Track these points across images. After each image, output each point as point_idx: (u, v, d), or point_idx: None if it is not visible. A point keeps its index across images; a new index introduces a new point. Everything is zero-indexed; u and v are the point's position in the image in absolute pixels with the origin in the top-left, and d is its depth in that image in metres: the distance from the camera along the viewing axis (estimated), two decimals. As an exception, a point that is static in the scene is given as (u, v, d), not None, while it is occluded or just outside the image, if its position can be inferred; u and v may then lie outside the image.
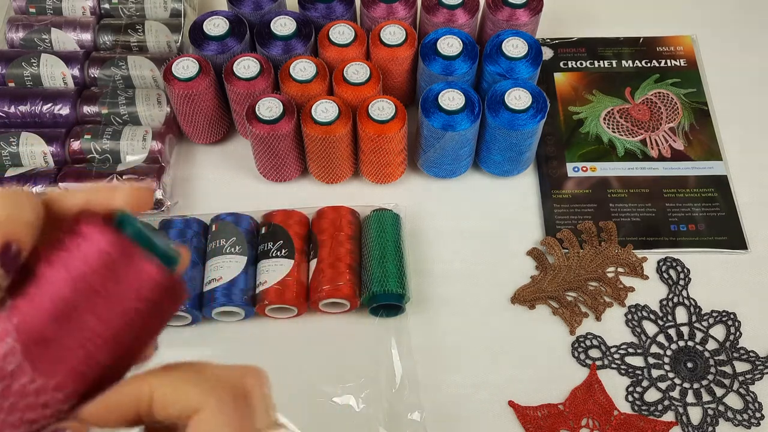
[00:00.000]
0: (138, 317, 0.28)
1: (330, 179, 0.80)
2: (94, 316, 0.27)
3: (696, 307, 0.73)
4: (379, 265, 0.70)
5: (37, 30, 0.84)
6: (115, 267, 0.27)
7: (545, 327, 0.73)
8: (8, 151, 0.77)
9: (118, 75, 0.82)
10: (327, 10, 0.80)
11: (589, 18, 0.95)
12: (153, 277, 0.27)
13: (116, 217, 0.28)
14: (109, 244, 0.27)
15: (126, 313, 0.27)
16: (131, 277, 0.27)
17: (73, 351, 0.27)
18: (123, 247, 0.27)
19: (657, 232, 0.78)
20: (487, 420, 0.68)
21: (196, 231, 0.73)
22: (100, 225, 0.27)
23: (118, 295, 0.27)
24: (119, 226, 0.28)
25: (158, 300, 0.28)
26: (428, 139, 0.75)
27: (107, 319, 0.27)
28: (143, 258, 0.27)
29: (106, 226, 0.27)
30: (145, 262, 0.27)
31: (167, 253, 0.28)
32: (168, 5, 0.87)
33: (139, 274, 0.27)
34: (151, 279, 0.27)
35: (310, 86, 0.74)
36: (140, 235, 0.28)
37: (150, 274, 0.27)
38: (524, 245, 0.78)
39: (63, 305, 0.26)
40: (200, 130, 0.81)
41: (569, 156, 0.83)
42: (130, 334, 0.28)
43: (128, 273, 0.27)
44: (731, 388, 0.69)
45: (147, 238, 0.28)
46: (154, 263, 0.28)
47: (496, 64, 0.76)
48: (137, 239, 0.28)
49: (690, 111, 0.86)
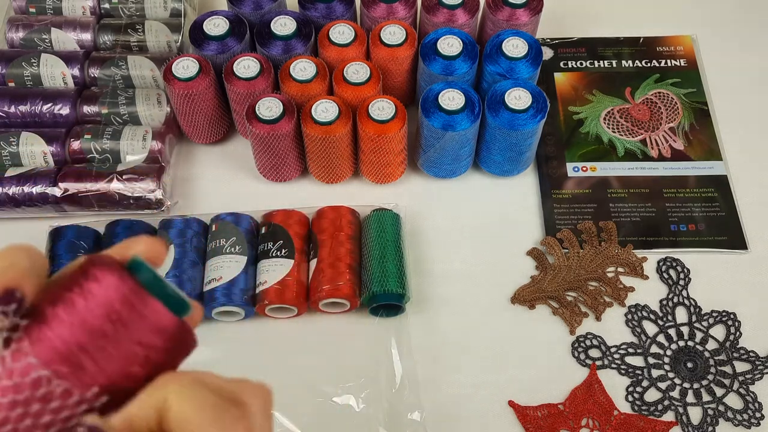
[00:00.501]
0: (146, 361, 0.28)
1: (330, 179, 0.80)
2: (103, 357, 0.27)
3: (696, 307, 0.73)
4: (379, 265, 0.70)
5: (37, 30, 0.84)
6: (124, 311, 0.27)
7: (545, 327, 0.73)
8: (8, 151, 0.77)
9: (118, 75, 0.82)
10: (327, 10, 0.80)
11: (589, 18, 0.95)
12: (163, 324, 0.28)
13: (129, 262, 0.28)
14: (121, 289, 0.27)
15: (134, 357, 0.27)
16: (141, 323, 0.27)
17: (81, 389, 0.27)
18: (134, 292, 0.27)
19: (657, 232, 0.78)
20: (487, 420, 0.68)
21: (196, 231, 0.73)
22: (113, 268, 0.27)
23: (127, 338, 0.27)
24: (132, 272, 0.28)
25: (167, 346, 0.28)
26: (428, 139, 0.75)
27: (114, 361, 0.27)
28: (154, 304, 0.27)
29: (118, 269, 0.27)
30: (156, 308, 0.27)
31: (179, 300, 0.28)
32: (168, 5, 0.87)
33: (149, 319, 0.27)
34: (161, 325, 0.27)
35: (310, 86, 0.74)
36: (153, 281, 0.28)
37: (160, 321, 0.27)
38: (524, 245, 0.78)
39: (72, 347, 0.26)
40: (200, 130, 0.81)
41: (569, 156, 0.83)
42: (135, 380, 0.28)
43: (138, 318, 0.27)
44: (731, 388, 0.69)
45: (160, 285, 0.28)
46: (165, 310, 0.28)
47: (496, 64, 0.76)
48: (149, 285, 0.28)
49: (690, 111, 0.86)
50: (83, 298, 0.27)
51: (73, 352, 0.26)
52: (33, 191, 0.75)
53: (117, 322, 0.27)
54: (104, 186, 0.75)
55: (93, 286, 0.27)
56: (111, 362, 0.27)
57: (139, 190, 0.76)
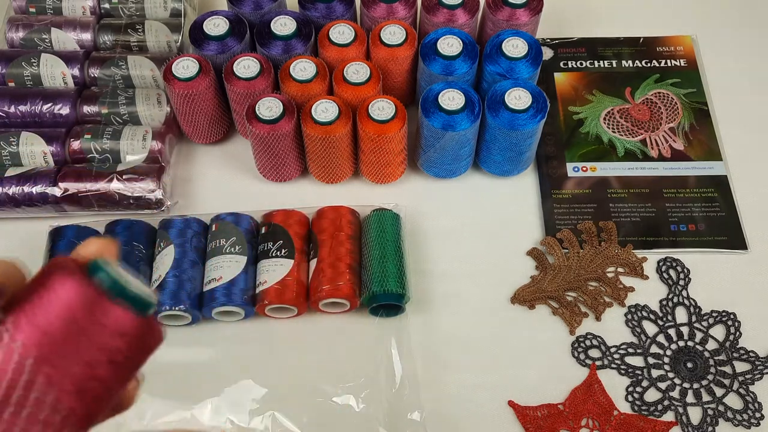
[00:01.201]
0: (110, 364, 0.28)
1: (330, 179, 0.80)
2: (64, 364, 0.27)
3: (696, 307, 0.73)
4: (379, 265, 0.70)
5: (37, 30, 0.84)
6: (83, 318, 0.28)
7: (545, 327, 0.73)
8: (8, 151, 0.77)
9: (118, 75, 0.82)
10: (327, 10, 0.80)
11: (589, 18, 0.95)
12: (125, 327, 0.28)
13: (90, 265, 0.29)
14: (79, 295, 0.28)
15: (97, 362, 0.28)
16: (102, 328, 0.28)
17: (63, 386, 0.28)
18: (93, 298, 0.28)
19: (657, 232, 0.78)
20: (487, 420, 0.68)
21: (196, 231, 0.73)
22: (72, 274, 0.28)
23: (88, 344, 0.28)
24: (92, 274, 0.29)
25: (130, 347, 0.29)
26: (428, 139, 0.75)
27: (77, 365, 0.28)
28: (113, 309, 0.28)
29: (78, 275, 0.28)
30: (116, 313, 0.28)
31: (141, 298, 0.29)
32: (168, 5, 0.87)
33: (110, 325, 0.28)
34: (122, 329, 0.28)
35: (310, 86, 0.74)
36: (113, 282, 0.29)
37: (121, 325, 0.28)
38: (524, 245, 0.78)
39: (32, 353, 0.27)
40: (200, 130, 0.81)
41: (569, 156, 0.83)
42: (102, 382, 0.28)
43: (98, 324, 0.28)
44: (731, 388, 0.69)
45: (120, 286, 0.29)
46: (125, 313, 0.29)
47: (496, 64, 0.76)
48: (110, 287, 0.29)
49: (690, 111, 0.86)
50: (43, 306, 0.27)
51: (35, 360, 0.27)
52: (33, 191, 0.75)
53: (76, 329, 0.27)
54: (104, 186, 0.75)
55: (52, 293, 0.28)
56: (74, 366, 0.27)
57: (139, 190, 0.76)
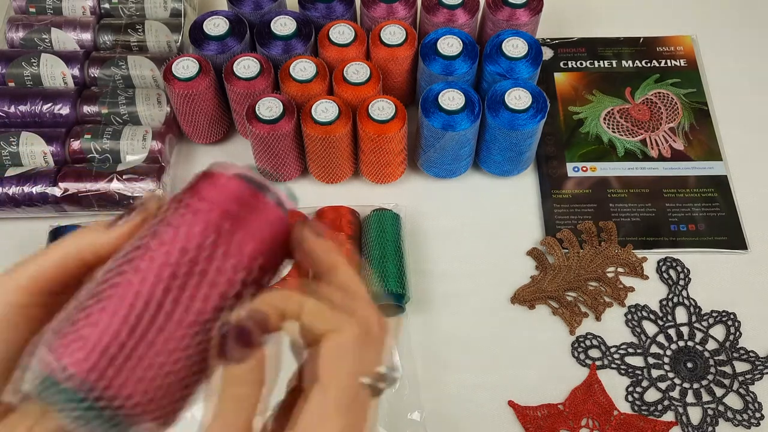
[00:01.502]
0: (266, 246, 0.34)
1: (330, 179, 0.80)
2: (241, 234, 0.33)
3: (696, 307, 0.73)
4: (379, 265, 0.70)
5: (37, 30, 0.84)
6: (246, 200, 0.34)
7: (545, 327, 0.73)
8: (8, 151, 0.77)
9: (118, 75, 0.82)
10: (327, 10, 0.80)
11: (589, 18, 0.95)
12: (273, 212, 0.35)
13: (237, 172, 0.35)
14: (239, 184, 0.35)
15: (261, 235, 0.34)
16: (259, 210, 0.34)
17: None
18: (249, 188, 0.35)
19: (657, 232, 0.78)
20: (487, 420, 0.68)
21: (196, 231, 0.73)
22: (228, 171, 0.35)
23: (251, 223, 0.33)
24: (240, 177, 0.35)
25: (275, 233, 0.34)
26: (428, 139, 0.75)
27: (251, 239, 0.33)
28: (265, 197, 0.35)
29: (232, 173, 0.35)
30: (267, 200, 0.35)
31: (287, 192, 0.36)
32: (168, 5, 0.87)
33: (265, 208, 0.34)
34: (272, 214, 0.35)
35: (310, 86, 0.74)
36: (261, 182, 0.35)
37: (271, 210, 0.35)
38: (524, 245, 0.78)
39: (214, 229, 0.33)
40: (200, 130, 0.81)
41: (569, 156, 0.83)
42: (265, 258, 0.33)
43: (256, 207, 0.34)
44: (731, 388, 0.69)
45: (266, 184, 0.35)
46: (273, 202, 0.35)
47: (496, 64, 0.76)
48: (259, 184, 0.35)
49: (690, 111, 0.86)
50: (216, 190, 0.34)
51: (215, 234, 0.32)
52: (33, 191, 0.75)
53: (244, 212, 0.34)
54: (104, 186, 0.75)
55: (223, 179, 0.35)
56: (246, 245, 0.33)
57: (139, 190, 0.76)
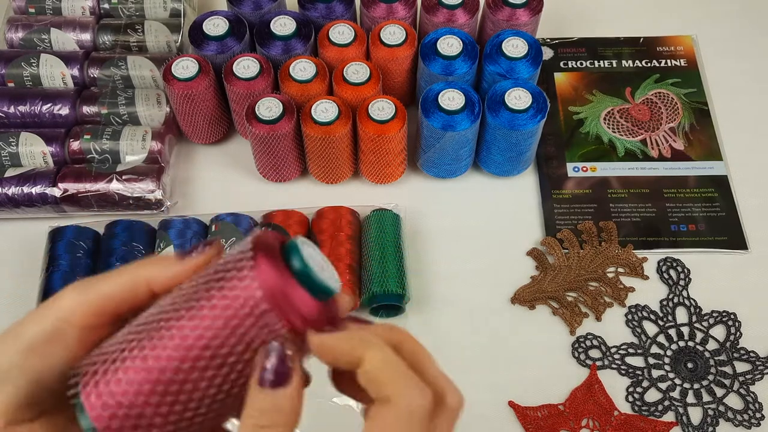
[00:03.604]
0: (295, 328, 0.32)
1: (330, 179, 0.80)
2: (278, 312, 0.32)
3: (696, 308, 0.73)
4: (379, 265, 0.70)
5: (36, 30, 0.84)
6: (276, 292, 0.31)
7: (545, 327, 0.73)
8: (8, 152, 0.77)
9: (117, 75, 0.82)
10: (327, 10, 0.80)
11: (589, 18, 0.95)
12: (305, 303, 0.32)
13: (288, 244, 0.33)
14: (269, 276, 0.31)
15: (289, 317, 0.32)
16: (290, 301, 0.31)
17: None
18: (282, 279, 0.31)
19: (657, 232, 0.78)
20: (487, 420, 0.68)
21: (196, 231, 0.73)
22: (270, 255, 0.32)
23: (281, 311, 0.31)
24: (287, 254, 0.32)
25: (306, 322, 0.32)
26: (428, 139, 0.75)
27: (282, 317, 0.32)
28: (299, 287, 0.32)
29: (274, 257, 0.32)
30: (300, 291, 0.32)
31: (322, 284, 0.32)
32: (168, 5, 0.87)
33: (295, 299, 0.32)
34: (303, 304, 0.32)
35: (310, 86, 0.74)
36: (303, 266, 0.32)
37: (303, 301, 0.32)
38: (524, 245, 0.77)
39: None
40: (200, 130, 0.81)
41: (569, 156, 0.83)
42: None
43: (287, 298, 0.31)
44: (731, 388, 0.69)
45: (307, 269, 0.32)
46: (308, 292, 0.32)
47: (496, 64, 0.76)
48: (299, 269, 0.32)
49: (690, 111, 0.86)
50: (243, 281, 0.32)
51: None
52: (32, 192, 0.75)
53: (274, 303, 0.31)
54: (104, 186, 0.75)
55: (255, 271, 0.31)
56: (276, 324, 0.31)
57: (138, 190, 0.76)
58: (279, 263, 0.32)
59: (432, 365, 0.33)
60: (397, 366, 0.31)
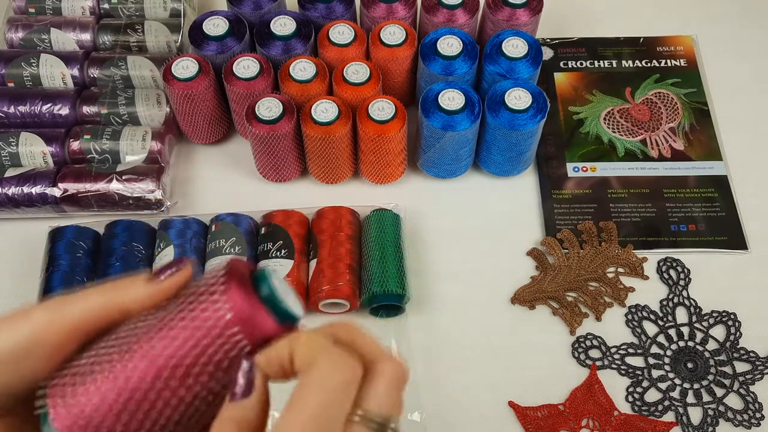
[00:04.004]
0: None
1: (330, 179, 0.80)
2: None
3: (696, 308, 0.73)
4: (379, 265, 0.70)
5: (36, 30, 0.84)
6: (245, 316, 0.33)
7: (545, 327, 0.73)
8: (8, 152, 0.77)
9: (117, 75, 0.82)
10: (327, 10, 0.80)
11: (589, 18, 0.95)
12: (269, 329, 0.33)
13: (257, 273, 0.34)
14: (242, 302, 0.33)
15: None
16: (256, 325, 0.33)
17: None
18: (251, 305, 0.33)
19: (657, 232, 0.78)
20: (487, 420, 0.68)
21: (196, 231, 0.73)
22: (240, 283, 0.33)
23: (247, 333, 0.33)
24: (257, 282, 0.34)
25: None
26: (428, 139, 0.75)
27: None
28: (266, 313, 0.33)
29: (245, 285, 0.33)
30: (266, 317, 0.33)
31: (287, 311, 0.34)
32: (168, 5, 0.87)
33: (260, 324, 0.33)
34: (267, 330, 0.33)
35: (310, 86, 0.74)
36: (271, 293, 0.34)
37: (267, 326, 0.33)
38: (524, 245, 0.77)
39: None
40: (200, 130, 0.81)
41: (569, 156, 0.83)
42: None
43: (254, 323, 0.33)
44: (731, 388, 0.69)
45: (275, 297, 0.33)
46: (273, 317, 0.33)
47: (496, 64, 0.76)
48: (267, 296, 0.33)
49: (690, 111, 0.86)
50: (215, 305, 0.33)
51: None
52: (32, 192, 0.75)
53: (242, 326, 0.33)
54: (104, 186, 0.75)
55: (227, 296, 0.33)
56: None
57: (138, 190, 0.76)
58: (249, 289, 0.33)
59: (363, 339, 0.34)
60: (317, 340, 0.32)
